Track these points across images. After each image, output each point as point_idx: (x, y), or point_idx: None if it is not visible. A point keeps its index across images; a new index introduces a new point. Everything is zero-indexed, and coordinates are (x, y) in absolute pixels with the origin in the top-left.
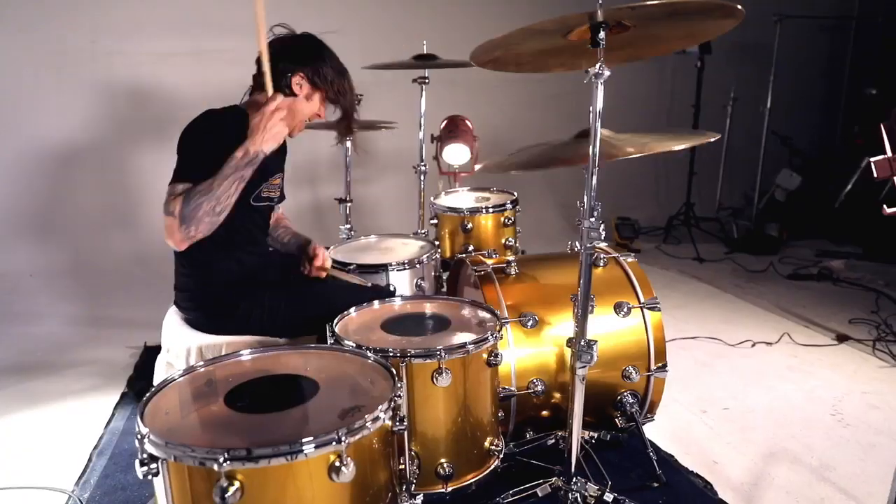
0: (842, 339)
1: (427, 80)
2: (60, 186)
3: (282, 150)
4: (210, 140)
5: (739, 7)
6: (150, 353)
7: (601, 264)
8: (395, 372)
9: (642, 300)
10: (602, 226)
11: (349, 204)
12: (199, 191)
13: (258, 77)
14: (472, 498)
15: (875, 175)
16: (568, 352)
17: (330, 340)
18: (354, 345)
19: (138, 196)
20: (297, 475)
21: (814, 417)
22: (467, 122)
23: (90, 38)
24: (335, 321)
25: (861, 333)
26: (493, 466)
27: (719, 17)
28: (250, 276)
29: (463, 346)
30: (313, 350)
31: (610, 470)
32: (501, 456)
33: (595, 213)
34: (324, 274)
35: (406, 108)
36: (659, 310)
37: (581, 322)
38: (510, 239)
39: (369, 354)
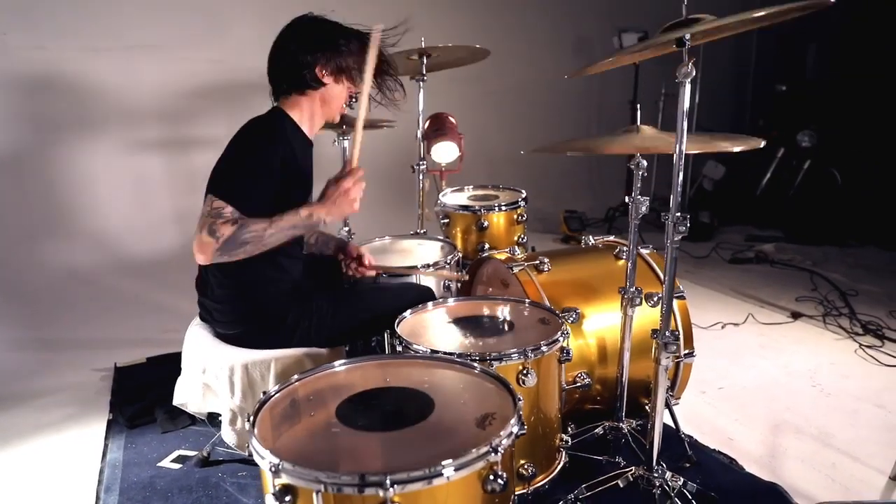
0: (796, 316)
1: (425, 78)
2: None
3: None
4: (262, 170)
5: None
6: (124, 375)
7: (624, 257)
8: (504, 377)
9: None
10: (687, 220)
11: None
12: (251, 230)
13: (275, 79)
14: (549, 495)
15: None
16: (611, 344)
17: (397, 346)
18: (429, 350)
19: (67, 203)
20: (453, 492)
21: (798, 390)
22: (451, 118)
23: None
24: (396, 324)
25: (810, 310)
26: (563, 462)
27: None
28: (295, 284)
29: (539, 346)
30: (389, 360)
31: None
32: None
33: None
34: (373, 273)
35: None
36: (684, 298)
37: (665, 315)
38: (522, 236)
39: (476, 365)
